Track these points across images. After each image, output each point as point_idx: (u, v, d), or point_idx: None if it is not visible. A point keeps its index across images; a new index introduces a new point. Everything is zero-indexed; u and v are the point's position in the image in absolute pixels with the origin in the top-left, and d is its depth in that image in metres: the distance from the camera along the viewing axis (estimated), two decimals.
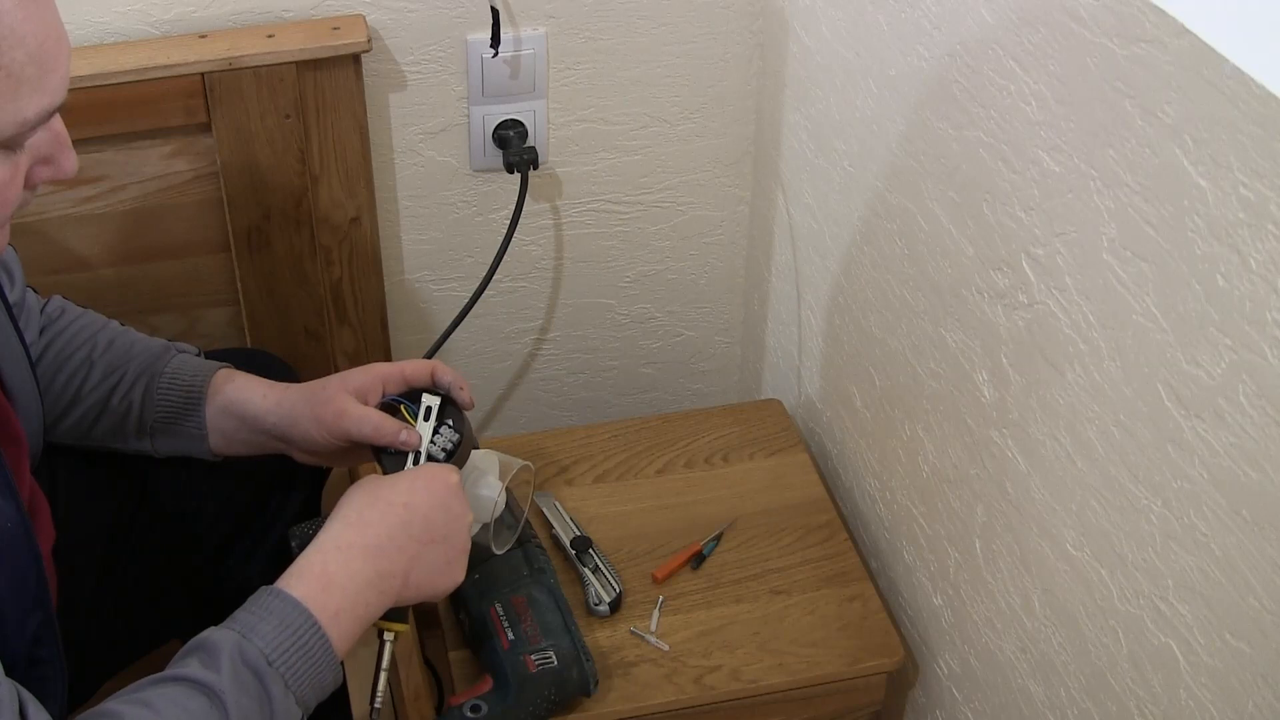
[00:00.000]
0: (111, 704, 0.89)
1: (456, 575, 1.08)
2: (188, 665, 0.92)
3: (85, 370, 1.18)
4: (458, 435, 1.14)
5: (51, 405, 1.17)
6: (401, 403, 1.15)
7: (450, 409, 1.16)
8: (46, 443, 1.15)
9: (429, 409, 1.15)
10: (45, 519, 1.06)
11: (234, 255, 1.49)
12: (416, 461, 1.12)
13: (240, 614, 0.96)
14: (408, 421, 1.14)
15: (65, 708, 1.01)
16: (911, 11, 1.17)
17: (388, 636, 1.08)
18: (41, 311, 1.19)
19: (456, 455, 1.13)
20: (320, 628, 0.96)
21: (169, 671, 0.92)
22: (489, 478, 1.19)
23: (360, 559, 1.01)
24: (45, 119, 0.84)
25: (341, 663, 0.99)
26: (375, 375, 1.15)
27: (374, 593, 1.01)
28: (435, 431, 1.14)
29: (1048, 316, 1.02)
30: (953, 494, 1.22)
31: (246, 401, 1.17)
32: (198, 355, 1.22)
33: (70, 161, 0.89)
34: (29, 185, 0.88)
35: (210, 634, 0.94)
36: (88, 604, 1.20)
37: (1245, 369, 0.81)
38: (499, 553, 1.25)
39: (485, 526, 1.20)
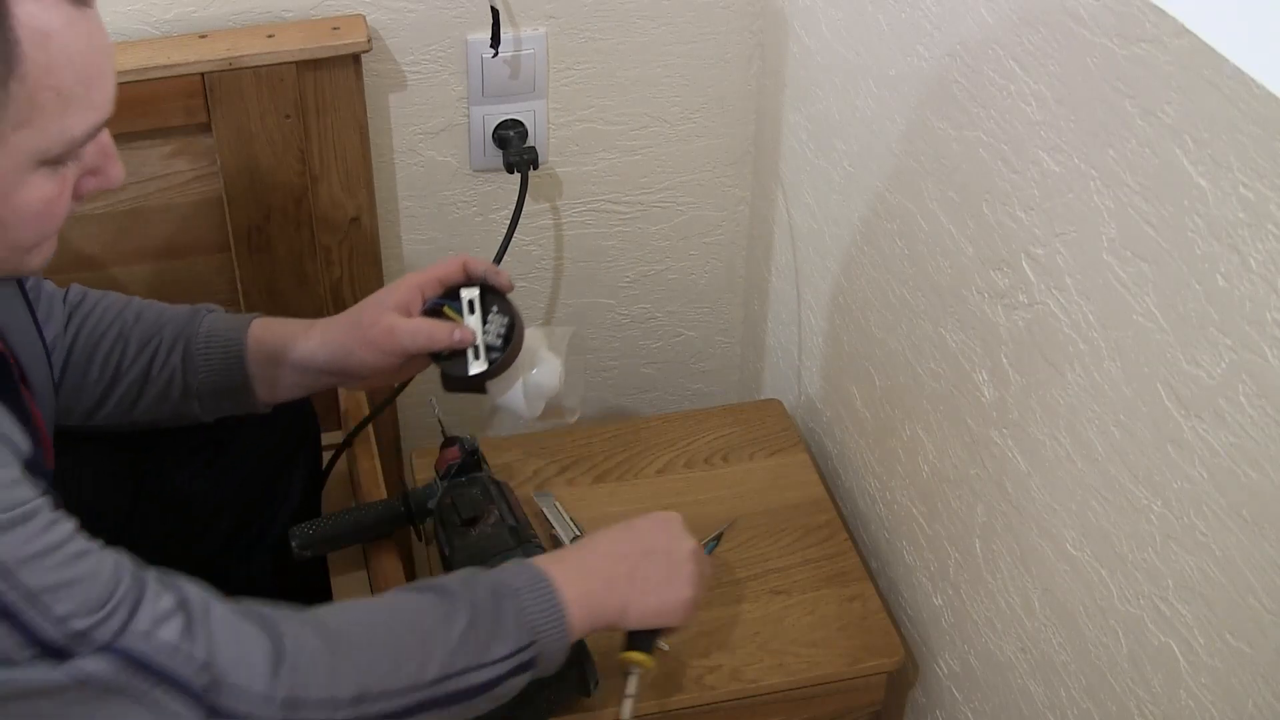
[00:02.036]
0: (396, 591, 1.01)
1: (682, 589, 1.12)
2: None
3: (121, 347, 1.18)
4: (507, 318, 1.15)
5: (92, 389, 1.18)
6: (444, 304, 1.16)
7: (491, 296, 1.17)
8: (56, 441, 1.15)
9: (470, 302, 1.16)
10: None
11: (234, 255, 1.49)
12: (476, 356, 1.14)
13: (491, 570, 1.06)
14: (455, 320, 1.15)
15: None
16: (911, 11, 1.17)
17: (635, 670, 1.16)
18: (65, 300, 1.19)
19: (513, 338, 1.15)
20: (548, 577, 1.04)
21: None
22: (542, 352, 1.20)
23: (584, 549, 1.12)
24: (93, 134, 0.86)
25: (574, 645, 1.07)
26: (411, 285, 1.16)
27: (601, 575, 1.08)
28: (485, 321, 1.15)
29: (1048, 316, 1.02)
30: (953, 494, 1.22)
31: (291, 346, 1.17)
32: (225, 311, 1.22)
33: (117, 171, 0.91)
34: (77, 196, 0.90)
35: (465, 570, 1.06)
36: None
37: (1245, 369, 0.81)
38: (571, 421, 1.25)
39: (553, 403, 1.21)
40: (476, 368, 1.14)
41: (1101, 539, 0.99)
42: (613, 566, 1.10)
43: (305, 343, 1.17)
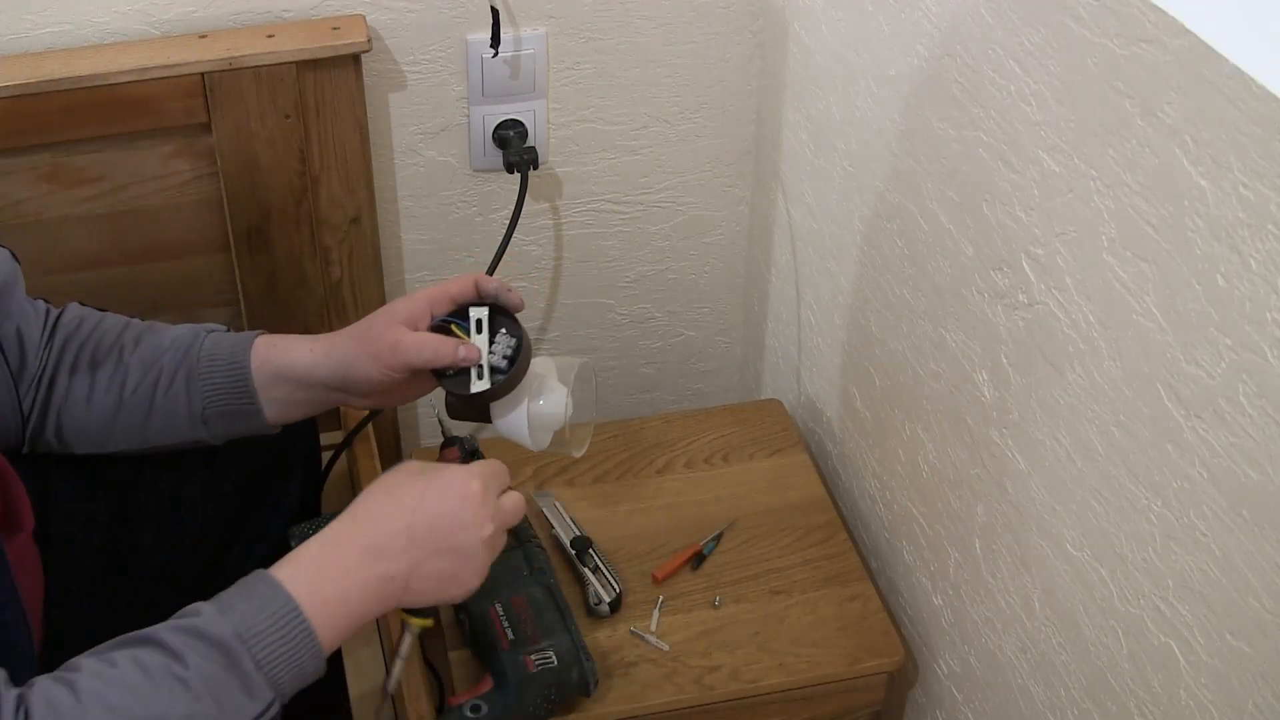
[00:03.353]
0: (79, 658, 0.90)
1: (467, 584, 1.04)
2: (161, 629, 0.92)
3: (122, 375, 1.16)
4: (514, 340, 1.13)
5: (98, 417, 1.16)
6: (452, 321, 1.13)
7: (500, 317, 1.14)
8: (54, 449, 1.15)
9: (479, 321, 1.13)
10: (22, 504, 1.04)
11: (234, 255, 1.49)
12: (480, 376, 1.11)
13: (226, 593, 0.96)
14: (461, 338, 1.12)
15: (36, 672, 1.00)
16: (911, 11, 1.17)
17: (411, 628, 1.08)
18: (58, 322, 1.17)
19: (519, 360, 1.12)
20: (301, 613, 0.94)
21: (137, 632, 0.93)
22: (550, 381, 1.16)
23: (357, 556, 1.00)
24: None
25: (331, 657, 0.98)
26: (421, 300, 1.13)
27: (371, 593, 1.00)
28: (492, 340, 1.13)
29: (1048, 316, 1.02)
30: (953, 494, 1.22)
31: (294, 363, 1.15)
32: (227, 331, 1.21)
33: None
34: None
35: (193, 606, 0.95)
36: (84, 610, 1.20)
37: (1245, 369, 0.81)
38: (579, 455, 1.22)
39: (558, 435, 1.18)
40: (479, 387, 1.11)
41: (1101, 539, 0.99)
42: (388, 575, 1.00)
43: (309, 357, 1.15)
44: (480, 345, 1.12)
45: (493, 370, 1.12)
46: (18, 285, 1.16)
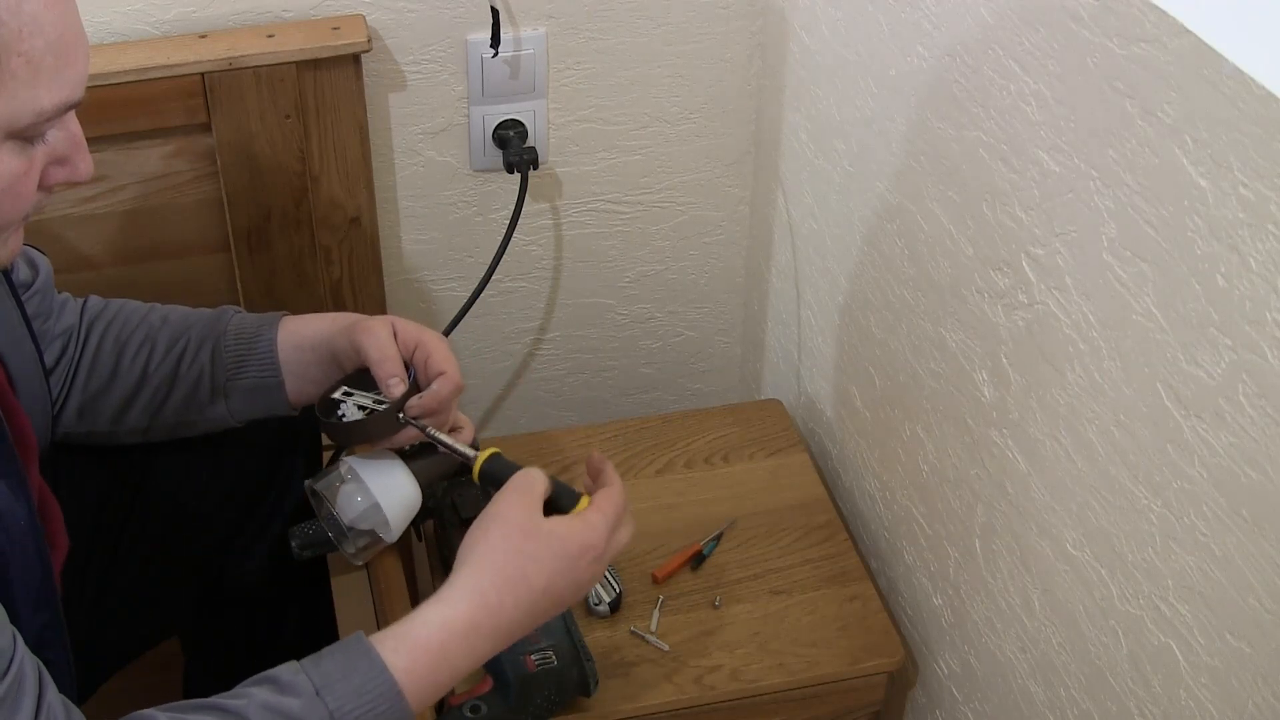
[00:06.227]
0: (155, 711, 0.88)
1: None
2: (250, 695, 0.90)
3: (148, 348, 1.18)
4: (381, 412, 1.10)
5: (118, 391, 1.17)
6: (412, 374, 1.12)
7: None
8: (63, 441, 1.15)
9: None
10: (58, 525, 1.06)
11: (234, 255, 1.49)
12: (361, 410, 1.11)
13: (326, 659, 0.93)
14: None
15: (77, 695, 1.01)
16: (911, 11, 1.17)
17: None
18: (84, 308, 1.19)
19: (380, 426, 1.10)
20: (402, 698, 0.92)
21: (219, 698, 0.91)
22: (368, 487, 1.11)
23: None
24: (62, 113, 0.85)
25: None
26: (416, 337, 1.12)
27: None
28: (378, 401, 1.12)
29: (1048, 316, 1.02)
30: (953, 494, 1.22)
31: (316, 331, 1.17)
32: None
33: (86, 164, 0.91)
34: (44, 186, 0.89)
35: (287, 674, 0.92)
36: (89, 603, 1.20)
37: (1245, 369, 0.81)
38: (357, 561, 1.17)
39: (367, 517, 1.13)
40: (351, 415, 1.11)
41: (1101, 539, 0.99)
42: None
43: (329, 324, 1.17)
44: (396, 396, 1.10)
45: (374, 411, 1.11)
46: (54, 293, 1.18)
